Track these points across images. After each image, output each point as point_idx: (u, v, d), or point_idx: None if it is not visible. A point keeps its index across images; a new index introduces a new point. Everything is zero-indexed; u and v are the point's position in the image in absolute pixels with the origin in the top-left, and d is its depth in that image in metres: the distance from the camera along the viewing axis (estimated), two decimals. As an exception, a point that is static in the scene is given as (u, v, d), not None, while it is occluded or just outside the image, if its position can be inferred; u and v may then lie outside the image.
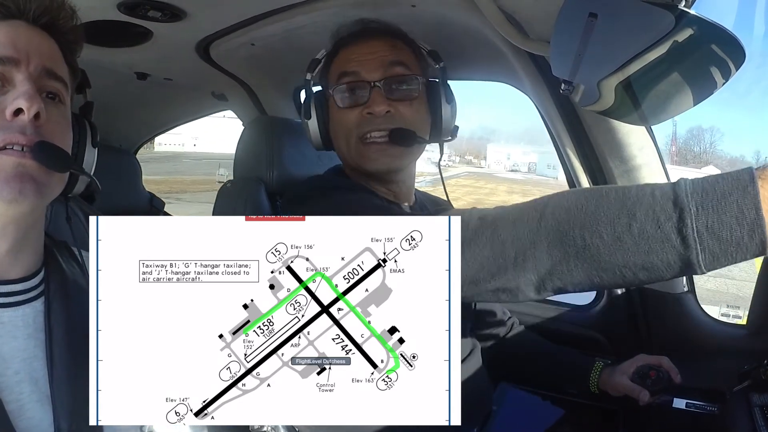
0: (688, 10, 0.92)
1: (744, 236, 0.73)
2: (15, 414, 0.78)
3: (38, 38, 0.87)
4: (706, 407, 1.48)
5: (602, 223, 0.80)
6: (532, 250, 0.85)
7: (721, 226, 0.73)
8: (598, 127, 1.49)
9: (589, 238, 0.81)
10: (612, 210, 0.80)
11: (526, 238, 0.86)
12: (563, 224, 0.83)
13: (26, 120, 0.80)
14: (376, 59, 1.33)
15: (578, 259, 0.82)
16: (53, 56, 0.89)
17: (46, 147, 0.81)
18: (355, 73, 1.33)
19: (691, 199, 0.75)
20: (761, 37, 1.15)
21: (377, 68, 1.32)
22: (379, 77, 1.32)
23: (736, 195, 0.73)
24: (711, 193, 0.75)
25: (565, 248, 0.83)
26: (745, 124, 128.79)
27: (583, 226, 0.81)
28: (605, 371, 1.55)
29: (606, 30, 0.99)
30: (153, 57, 1.86)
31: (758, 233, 0.72)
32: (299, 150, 1.81)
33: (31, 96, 0.80)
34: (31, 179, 0.80)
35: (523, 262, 0.86)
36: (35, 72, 0.84)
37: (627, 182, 1.54)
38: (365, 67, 1.33)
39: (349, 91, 1.34)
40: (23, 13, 0.87)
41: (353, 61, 1.34)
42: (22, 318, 0.84)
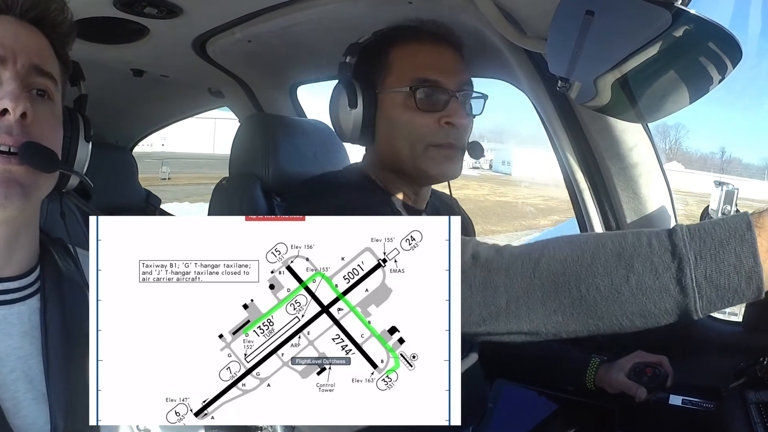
0: (684, 7, 0.93)
1: (741, 284, 0.74)
2: (11, 412, 0.78)
3: (26, 34, 0.86)
4: (702, 404, 1.48)
5: (599, 275, 0.80)
6: (525, 299, 0.84)
7: (720, 275, 0.74)
8: (595, 124, 1.49)
9: (585, 290, 0.80)
10: (609, 262, 0.80)
11: (520, 287, 0.85)
12: (558, 276, 0.82)
13: (12, 120, 0.79)
14: (453, 69, 1.34)
15: (574, 309, 0.82)
16: (42, 52, 0.87)
17: (32, 148, 0.80)
18: (434, 79, 1.32)
19: (689, 249, 0.76)
20: (755, 34, 1.16)
21: (455, 78, 1.33)
22: (456, 87, 1.33)
23: (734, 243, 0.74)
24: (709, 241, 0.75)
25: (560, 299, 0.82)
26: (710, 121, 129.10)
27: (579, 278, 0.81)
28: (602, 368, 1.56)
29: (603, 27, 0.99)
30: (149, 54, 1.86)
31: (755, 280, 0.73)
32: (295, 147, 1.81)
33: (17, 96, 0.79)
34: (17, 184, 0.80)
35: (516, 310, 0.85)
36: (23, 69, 0.82)
37: (624, 180, 1.55)
38: (443, 74, 1.32)
39: (427, 95, 1.31)
40: (11, 8, 0.85)
41: (431, 66, 1.33)
42: (17, 316, 0.84)
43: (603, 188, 1.62)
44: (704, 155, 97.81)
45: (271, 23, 1.60)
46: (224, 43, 1.77)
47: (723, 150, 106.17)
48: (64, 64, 0.93)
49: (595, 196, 1.65)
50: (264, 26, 1.63)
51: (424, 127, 1.31)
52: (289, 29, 1.62)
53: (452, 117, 1.31)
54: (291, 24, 1.59)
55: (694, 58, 1.02)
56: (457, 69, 1.35)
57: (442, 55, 1.35)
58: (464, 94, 1.35)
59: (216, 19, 1.63)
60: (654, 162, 1.53)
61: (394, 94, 1.33)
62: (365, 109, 1.35)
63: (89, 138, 0.96)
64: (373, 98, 1.35)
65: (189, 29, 1.68)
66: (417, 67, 1.33)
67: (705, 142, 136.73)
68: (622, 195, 1.58)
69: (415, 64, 1.33)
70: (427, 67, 1.32)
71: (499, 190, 9.01)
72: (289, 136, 1.81)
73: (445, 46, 1.36)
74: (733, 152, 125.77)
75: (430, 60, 1.34)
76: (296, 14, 1.54)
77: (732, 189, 1.49)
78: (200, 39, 1.75)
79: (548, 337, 0.86)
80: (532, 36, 1.31)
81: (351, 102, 1.34)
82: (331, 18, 1.51)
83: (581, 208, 1.69)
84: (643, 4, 0.94)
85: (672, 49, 1.00)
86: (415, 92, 1.30)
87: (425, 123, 1.31)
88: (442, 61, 1.34)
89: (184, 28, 1.66)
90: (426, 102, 1.31)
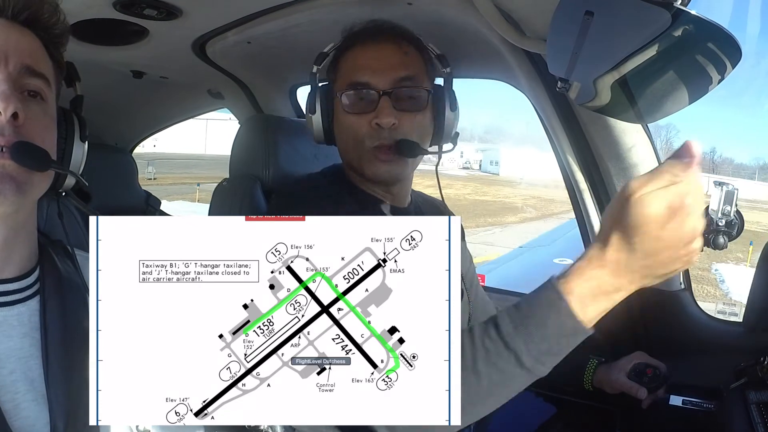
0: (684, 8, 0.93)
1: (570, 340, 0.85)
2: (11, 414, 0.78)
3: (18, 35, 0.85)
4: (702, 404, 1.48)
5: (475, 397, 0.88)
6: None
7: (552, 345, 0.85)
8: (594, 124, 1.49)
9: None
10: (471, 382, 0.86)
11: None
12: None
13: (3, 121, 0.79)
14: (387, 67, 1.32)
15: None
16: (34, 53, 0.87)
17: (24, 147, 0.80)
18: (364, 81, 1.31)
19: (519, 340, 0.85)
20: (753, 34, 1.16)
21: (387, 77, 1.31)
22: (388, 87, 1.30)
23: (554, 317, 0.84)
24: (533, 326, 0.85)
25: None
26: (701, 121, 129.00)
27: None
28: (600, 369, 1.56)
29: (602, 28, 0.99)
30: (149, 55, 1.86)
31: (581, 333, 0.85)
32: (295, 148, 1.82)
33: (8, 96, 0.79)
34: (11, 179, 0.80)
35: None
36: (15, 71, 0.82)
37: (624, 180, 1.54)
38: (375, 75, 1.31)
39: (357, 98, 1.32)
40: (2, 10, 0.85)
41: (363, 67, 1.32)
42: (17, 317, 0.84)
43: (603, 188, 1.62)
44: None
45: (270, 24, 1.60)
46: (224, 45, 1.77)
47: (714, 150, 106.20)
48: (57, 65, 0.93)
49: (595, 197, 1.65)
50: (263, 27, 1.63)
51: (357, 129, 1.32)
52: (288, 30, 1.63)
53: (379, 117, 1.29)
54: (290, 25, 1.59)
55: (694, 58, 1.02)
56: (392, 66, 1.32)
57: (378, 53, 1.33)
58: (398, 91, 1.31)
59: (215, 21, 1.63)
60: (654, 162, 1.54)
61: (336, 99, 1.36)
62: (323, 114, 1.39)
63: (85, 138, 0.96)
64: (332, 105, 1.39)
65: (189, 31, 1.68)
66: (351, 71, 1.34)
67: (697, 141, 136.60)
68: (622, 195, 1.58)
69: (351, 68, 1.34)
70: (359, 68, 1.33)
71: (482, 190, 9.18)
72: (289, 137, 1.81)
73: (384, 44, 1.34)
74: (725, 152, 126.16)
75: (363, 61, 1.34)
76: (296, 15, 1.54)
77: (732, 189, 1.48)
78: (200, 40, 1.76)
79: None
80: (532, 37, 1.32)
81: (310, 108, 1.40)
82: (330, 19, 1.51)
83: (581, 208, 1.69)
84: (643, 5, 0.94)
85: (671, 50, 1.00)
86: (343, 96, 1.33)
87: (359, 125, 1.32)
88: (375, 61, 1.33)
89: (184, 30, 1.66)
90: (353, 106, 1.33)
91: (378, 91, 1.30)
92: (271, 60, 1.94)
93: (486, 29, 1.39)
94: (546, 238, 7.66)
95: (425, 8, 1.41)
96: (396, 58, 1.33)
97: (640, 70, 1.05)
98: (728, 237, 1.49)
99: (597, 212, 1.67)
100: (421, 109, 1.34)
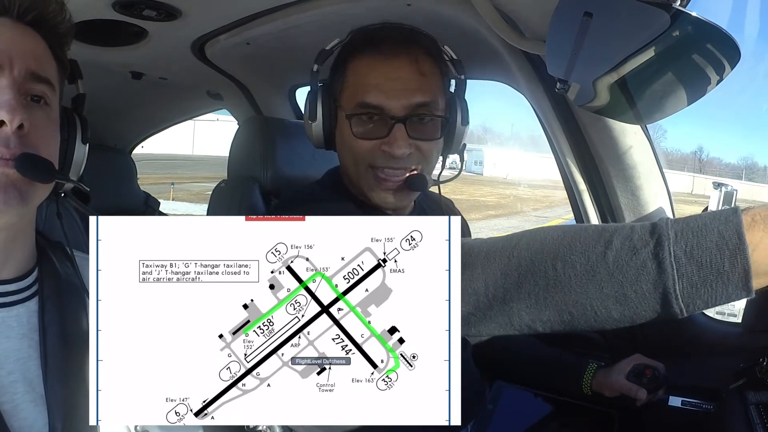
0: (683, 9, 0.93)
1: (725, 263, 0.69)
2: (9, 414, 0.78)
3: (23, 37, 0.84)
4: (701, 405, 1.48)
5: (576, 252, 0.76)
6: (502, 282, 0.81)
7: (700, 251, 0.70)
8: (594, 125, 1.49)
9: (561, 269, 0.77)
10: (588, 240, 0.77)
11: (498, 269, 0.81)
12: (536, 255, 0.79)
13: (9, 132, 0.78)
14: (403, 91, 1.22)
15: (548, 292, 0.78)
16: (40, 57, 0.86)
17: (29, 159, 0.79)
18: (377, 104, 1.22)
19: (670, 228, 0.72)
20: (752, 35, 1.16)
21: (403, 102, 1.22)
22: (403, 113, 1.22)
23: (717, 224, 0.70)
24: (692, 222, 0.72)
25: (536, 280, 0.78)
26: (687, 121, 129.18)
27: (555, 257, 0.77)
28: (599, 372, 1.56)
29: (601, 29, 0.99)
30: (148, 56, 1.86)
31: (740, 261, 0.69)
32: (294, 150, 1.82)
33: (14, 107, 0.78)
34: (15, 188, 0.79)
35: (493, 296, 0.82)
36: (20, 76, 0.81)
37: (623, 181, 1.55)
38: (390, 99, 1.21)
39: (368, 121, 1.24)
40: (8, 10, 0.83)
41: (377, 88, 1.22)
42: (15, 318, 0.84)
43: (602, 189, 1.62)
44: (684, 155, 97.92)
45: (269, 26, 1.61)
46: (223, 46, 1.78)
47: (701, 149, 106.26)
48: (61, 66, 0.92)
49: (594, 198, 1.65)
50: (263, 29, 1.63)
51: (364, 152, 1.25)
52: (287, 31, 1.63)
53: (391, 146, 1.21)
54: (290, 26, 1.59)
55: (693, 59, 1.02)
56: (409, 91, 1.22)
57: (393, 73, 1.23)
58: (413, 119, 1.23)
59: (215, 22, 1.63)
60: (653, 163, 1.54)
61: (343, 113, 1.27)
62: (324, 122, 1.30)
63: (86, 140, 0.95)
64: (334, 111, 1.30)
65: (188, 32, 1.68)
66: (363, 89, 1.24)
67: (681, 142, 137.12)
68: (621, 196, 1.59)
69: (363, 85, 1.24)
70: (373, 89, 1.22)
71: (460, 189, 9.19)
72: (288, 139, 1.81)
73: (401, 60, 1.23)
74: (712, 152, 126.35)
75: (377, 80, 1.23)
76: (295, 16, 1.54)
77: (731, 190, 1.49)
78: (199, 41, 1.76)
79: (523, 331, 0.83)
80: (531, 38, 1.32)
81: (311, 114, 1.31)
82: (329, 20, 1.52)
83: (580, 209, 1.69)
84: (642, 6, 0.94)
85: (670, 51, 1.00)
86: (351, 119, 1.24)
87: (365, 148, 1.24)
88: (391, 82, 1.22)
89: (183, 31, 1.66)
90: (366, 130, 1.24)
91: (392, 118, 1.22)
92: (270, 61, 1.95)
93: (485, 30, 1.39)
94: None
95: (424, 9, 1.42)
96: (413, 82, 1.23)
97: (639, 71, 1.05)
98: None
99: (596, 212, 1.67)
100: (435, 137, 1.28)
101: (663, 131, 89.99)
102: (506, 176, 40.53)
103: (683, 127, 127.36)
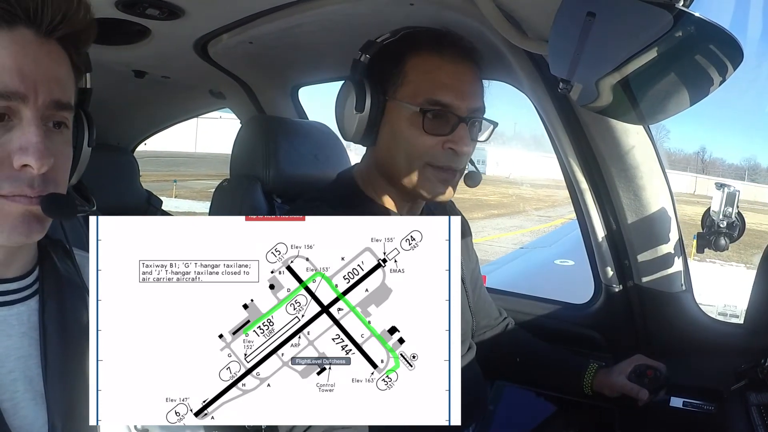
0: (686, 9, 0.93)
1: None
2: (9, 413, 0.78)
3: (49, 58, 0.78)
4: (703, 406, 1.48)
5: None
6: None
7: None
8: (596, 126, 1.49)
9: None
10: None
11: None
12: None
13: (35, 174, 0.75)
14: (469, 93, 1.29)
15: None
16: (63, 80, 0.80)
17: (54, 200, 0.78)
18: (447, 102, 1.27)
19: None
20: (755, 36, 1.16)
21: (467, 103, 1.28)
22: (466, 113, 1.28)
23: None
24: None
25: None
26: (690, 122, 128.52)
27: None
28: (600, 373, 1.55)
29: (604, 29, 0.98)
30: (151, 55, 1.86)
31: None
32: (296, 149, 1.82)
33: (42, 153, 0.74)
34: (38, 223, 0.79)
35: None
36: (43, 105, 0.76)
37: (625, 181, 1.55)
38: (458, 99, 1.27)
39: (436, 117, 1.27)
40: (34, 21, 0.75)
41: (448, 87, 1.27)
42: (16, 316, 0.84)
43: (604, 189, 1.62)
44: (687, 156, 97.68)
45: (272, 25, 1.60)
46: (226, 45, 1.77)
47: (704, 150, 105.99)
48: (78, 73, 0.87)
49: (596, 198, 1.65)
50: (265, 28, 1.63)
51: (426, 148, 1.28)
52: (290, 31, 1.63)
53: (457, 144, 1.27)
54: (292, 25, 1.59)
55: (696, 59, 1.02)
56: (473, 93, 1.30)
57: (461, 76, 1.30)
58: (474, 120, 1.30)
59: (217, 21, 1.63)
60: (655, 163, 1.53)
61: (404, 107, 1.28)
62: (371, 114, 1.30)
63: (92, 143, 0.93)
64: (382, 104, 1.30)
65: (190, 30, 1.68)
66: (432, 86, 1.27)
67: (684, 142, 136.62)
68: (623, 196, 1.58)
69: (432, 82, 1.28)
70: (443, 87, 1.27)
71: (462, 188, 9.32)
72: (290, 138, 1.81)
73: (465, 65, 1.31)
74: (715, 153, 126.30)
75: (447, 80, 1.28)
76: (297, 16, 1.54)
77: (733, 191, 1.49)
78: (202, 40, 1.75)
79: None
80: (534, 37, 1.31)
81: (359, 105, 1.30)
82: (332, 19, 1.51)
83: (582, 209, 1.69)
84: (645, 6, 0.93)
85: (673, 51, 1.00)
86: (424, 114, 1.26)
87: (428, 144, 1.28)
88: (459, 83, 1.29)
89: (186, 30, 1.66)
90: (433, 125, 1.27)
91: (459, 116, 1.27)
92: (273, 60, 1.94)
93: (487, 30, 1.39)
94: (547, 239, 7.64)
95: (427, 9, 1.41)
96: (475, 86, 1.32)
97: (642, 71, 1.05)
98: (729, 239, 1.49)
99: (598, 213, 1.67)
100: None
101: (666, 131, 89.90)
102: (509, 175, 40.77)
103: (686, 127, 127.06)
